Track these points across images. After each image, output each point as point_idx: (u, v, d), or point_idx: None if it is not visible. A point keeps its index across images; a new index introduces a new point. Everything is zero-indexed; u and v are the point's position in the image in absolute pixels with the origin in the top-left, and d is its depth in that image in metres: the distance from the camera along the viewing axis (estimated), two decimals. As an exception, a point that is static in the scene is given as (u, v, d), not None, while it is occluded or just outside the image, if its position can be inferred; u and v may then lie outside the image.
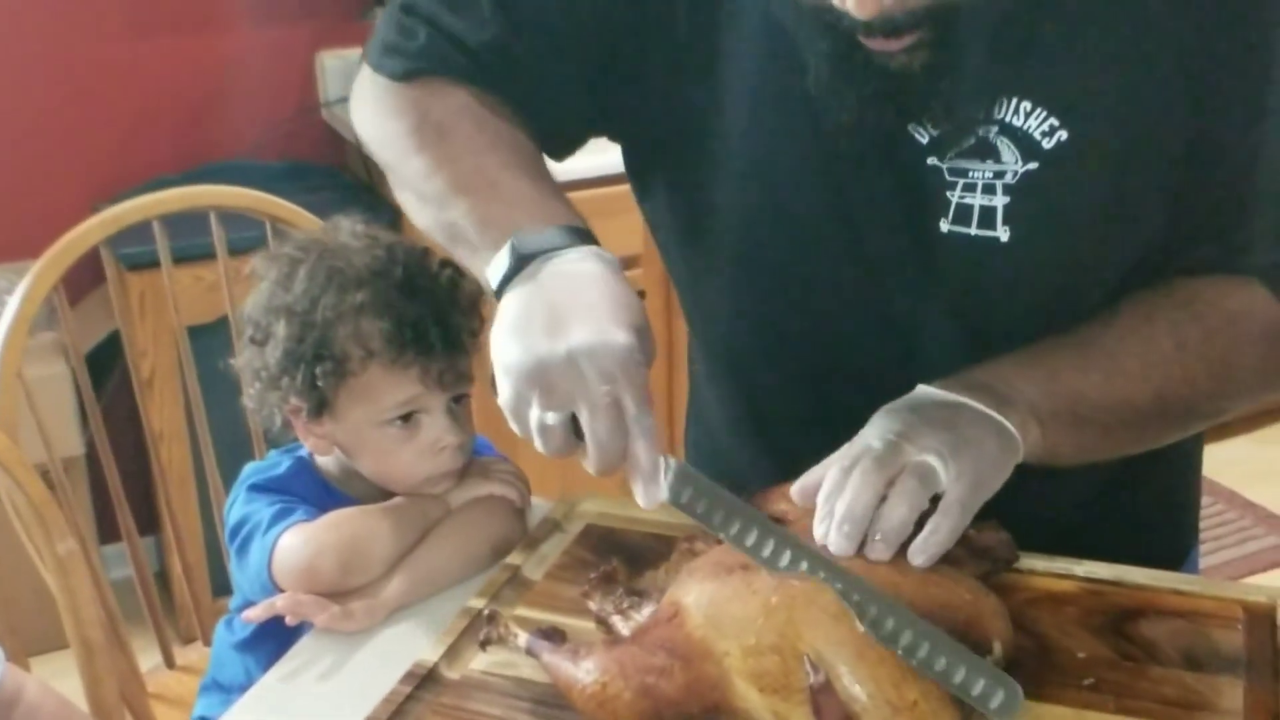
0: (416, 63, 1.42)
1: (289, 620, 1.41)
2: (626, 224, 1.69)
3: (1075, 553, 1.37)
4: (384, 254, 1.50)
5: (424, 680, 1.25)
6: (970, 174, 1.30)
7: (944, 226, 1.32)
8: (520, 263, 1.21)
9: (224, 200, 2.19)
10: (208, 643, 2.10)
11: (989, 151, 1.29)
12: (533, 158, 1.38)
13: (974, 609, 1.18)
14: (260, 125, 3.40)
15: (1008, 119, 1.28)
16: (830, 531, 1.19)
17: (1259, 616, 1.30)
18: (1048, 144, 1.27)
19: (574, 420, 1.15)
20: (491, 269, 1.24)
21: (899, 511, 1.18)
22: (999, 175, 1.29)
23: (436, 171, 1.35)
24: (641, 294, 2.92)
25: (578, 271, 1.20)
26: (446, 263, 1.51)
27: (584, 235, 1.25)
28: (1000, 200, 1.30)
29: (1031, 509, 1.27)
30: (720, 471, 1.55)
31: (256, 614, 1.42)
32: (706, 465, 1.63)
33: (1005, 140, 1.29)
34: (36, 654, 2.09)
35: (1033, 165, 1.28)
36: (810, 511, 1.26)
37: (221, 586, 1.73)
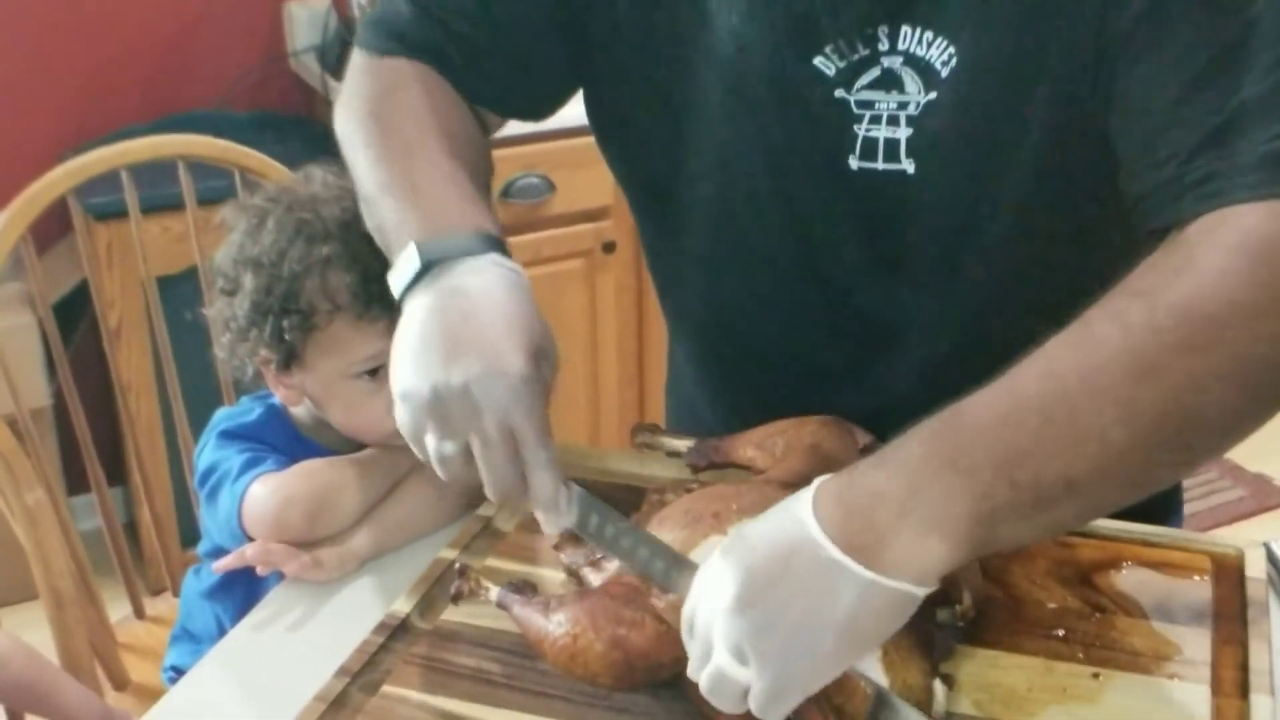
0: (388, 43, 1.42)
1: (260, 570, 1.41)
2: (596, 175, 1.68)
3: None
4: (354, 206, 1.49)
5: (396, 631, 1.25)
6: (876, 105, 1.30)
7: (853, 164, 1.32)
8: (424, 269, 1.18)
9: (192, 150, 2.17)
10: (177, 594, 2.10)
11: (894, 82, 1.28)
12: (467, 158, 1.34)
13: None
14: (228, 75, 3.38)
15: (911, 49, 1.27)
16: None
17: (1227, 568, 1.31)
18: (945, 72, 1.26)
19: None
20: (394, 274, 1.21)
21: (720, 705, 1.06)
22: (902, 106, 1.28)
23: (371, 172, 1.32)
24: (612, 245, 2.95)
25: (476, 287, 1.16)
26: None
27: (491, 242, 1.20)
28: (904, 133, 1.29)
29: None
30: (698, 424, 1.57)
31: (226, 564, 1.42)
32: (686, 420, 1.65)
33: (909, 70, 1.28)
34: (5, 605, 2.09)
35: (933, 95, 1.27)
36: (777, 462, 1.27)
37: (190, 537, 1.72)
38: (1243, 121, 1.09)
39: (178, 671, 1.62)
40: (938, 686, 1.11)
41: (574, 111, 1.50)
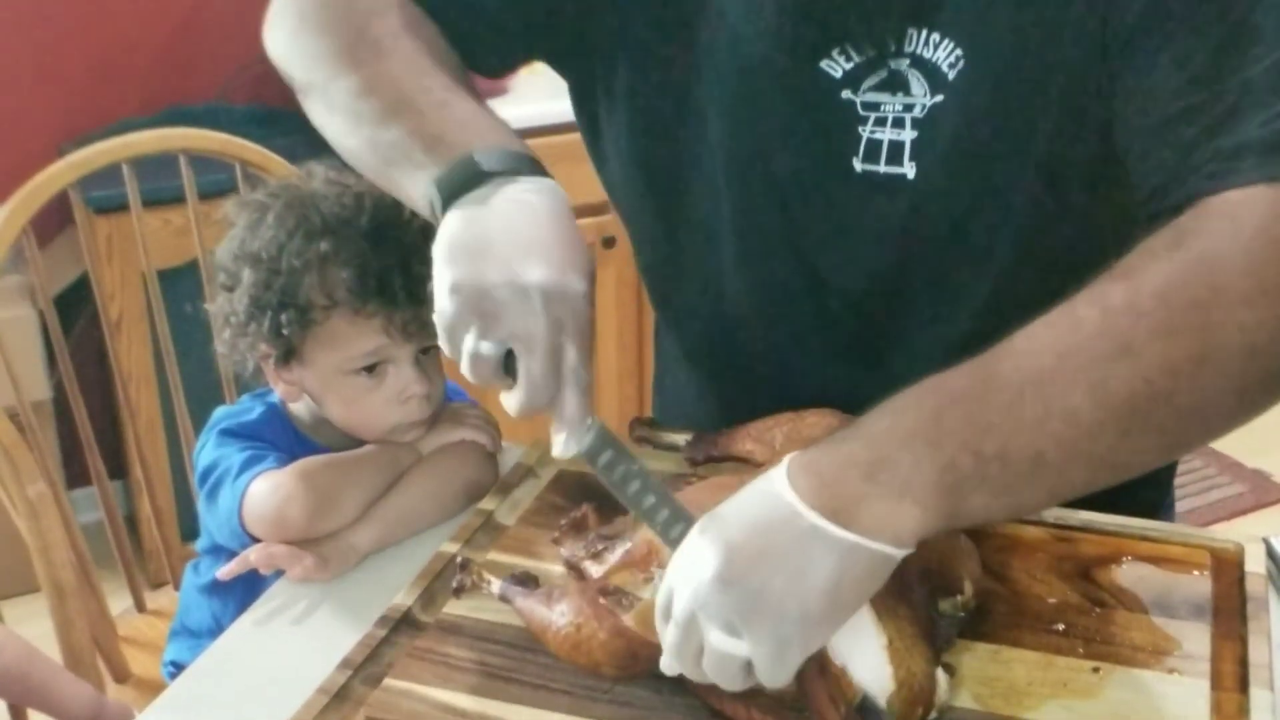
0: None
1: (263, 572, 1.41)
2: (592, 171, 1.68)
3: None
4: (353, 202, 1.50)
5: (399, 624, 1.26)
6: (882, 107, 1.29)
7: (857, 166, 1.31)
8: (474, 180, 1.16)
9: (194, 143, 2.18)
10: (177, 587, 2.10)
11: (900, 84, 1.28)
12: (472, 86, 1.34)
13: (946, 549, 1.19)
14: (228, 68, 3.37)
15: (918, 50, 1.27)
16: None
17: (1226, 563, 1.31)
18: (952, 75, 1.26)
19: (508, 355, 1.13)
20: (440, 182, 1.18)
21: (724, 683, 1.06)
22: (908, 108, 1.28)
23: (374, 89, 1.29)
24: (612, 241, 2.95)
25: (535, 204, 1.15)
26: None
27: (540, 167, 1.20)
28: (908, 135, 1.28)
29: None
30: (685, 419, 1.57)
31: (231, 570, 1.42)
32: (673, 414, 1.64)
33: (916, 73, 1.27)
34: (6, 597, 2.09)
35: (939, 98, 1.27)
36: (776, 455, 1.27)
37: (191, 530, 1.72)
38: (1243, 106, 1.09)
39: (177, 667, 1.63)
40: (941, 675, 1.12)
41: (567, 105, 1.50)
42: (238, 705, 1.24)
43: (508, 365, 1.14)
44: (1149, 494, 1.56)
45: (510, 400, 1.14)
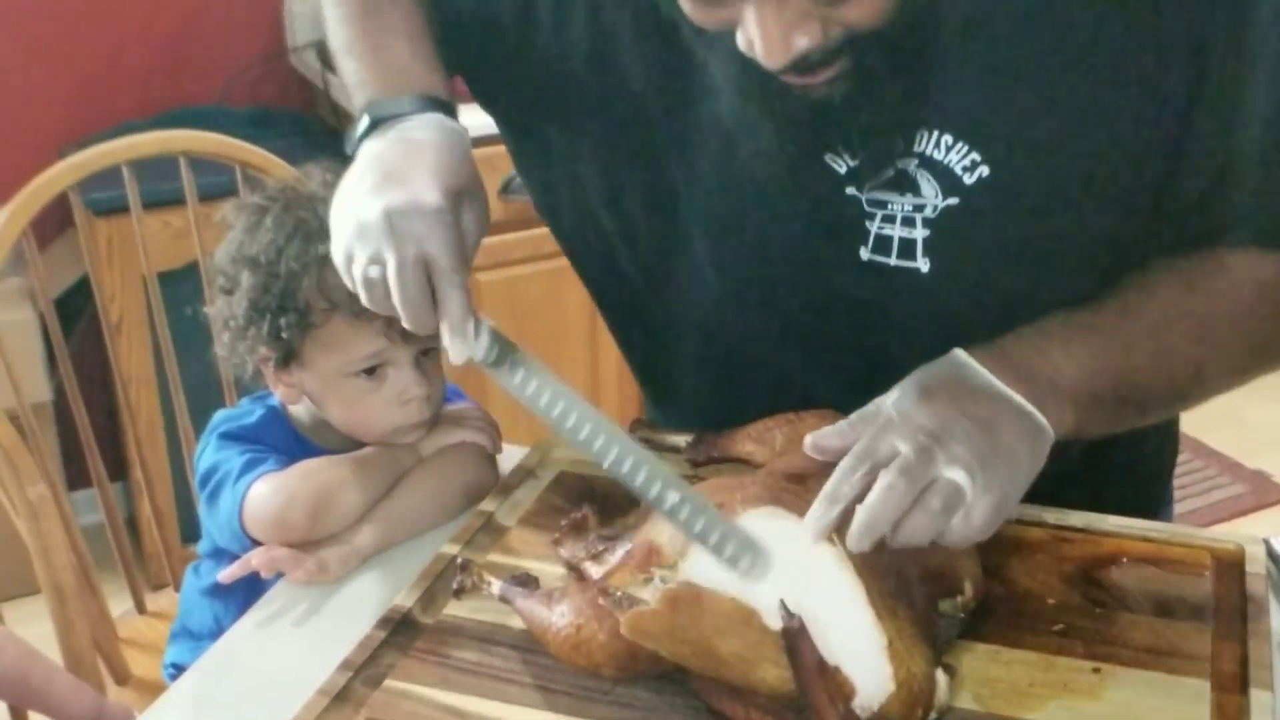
0: None
1: (264, 575, 1.41)
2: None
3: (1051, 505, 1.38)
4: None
5: (399, 625, 1.26)
6: (889, 206, 1.27)
7: (864, 254, 1.30)
8: (372, 126, 1.30)
9: (194, 145, 2.18)
10: (178, 588, 2.10)
11: (908, 184, 1.26)
12: (423, 26, 1.42)
13: (947, 549, 1.18)
14: (228, 71, 3.37)
15: (928, 152, 1.24)
16: (850, 536, 1.12)
17: (1227, 564, 1.31)
18: (969, 179, 1.23)
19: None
20: (351, 131, 1.32)
21: (919, 530, 1.12)
22: (918, 209, 1.26)
23: (337, 30, 1.45)
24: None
25: (416, 139, 1.27)
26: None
27: (438, 104, 1.31)
28: (920, 233, 1.27)
29: None
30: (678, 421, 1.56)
31: (232, 574, 1.42)
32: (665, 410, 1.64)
33: (925, 173, 1.25)
34: (7, 599, 2.09)
35: (953, 200, 1.25)
36: (777, 456, 1.27)
37: (191, 532, 1.72)
38: None
39: (178, 669, 1.62)
40: (940, 676, 1.12)
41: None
42: (238, 707, 1.24)
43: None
44: (1152, 490, 1.57)
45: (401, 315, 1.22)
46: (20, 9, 3.21)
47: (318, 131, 3.28)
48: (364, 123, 1.31)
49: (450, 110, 1.32)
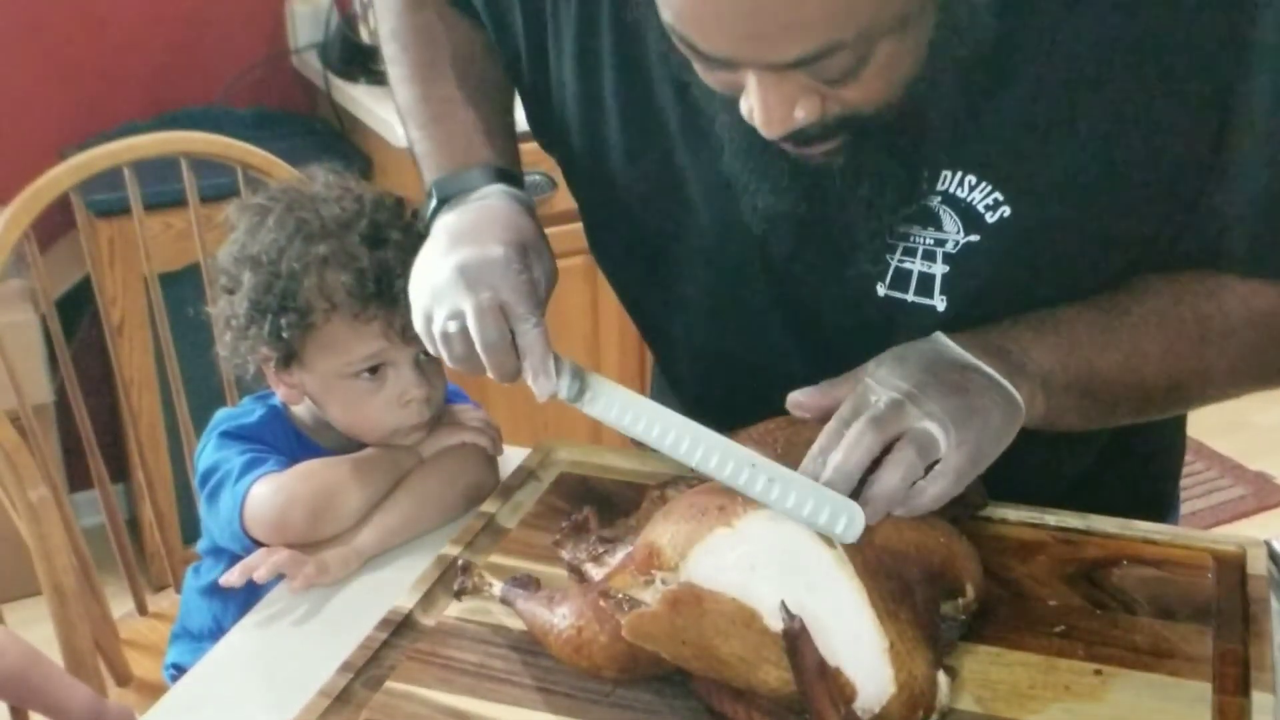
0: None
1: (264, 581, 1.41)
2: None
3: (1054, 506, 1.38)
4: (353, 205, 1.50)
5: (400, 627, 1.26)
6: (911, 238, 1.27)
7: (880, 290, 1.30)
8: (441, 204, 1.37)
9: (195, 147, 2.18)
10: (179, 589, 2.10)
11: (930, 218, 1.26)
12: (483, 82, 1.48)
13: (948, 551, 1.19)
14: (230, 72, 3.38)
15: (951, 190, 1.25)
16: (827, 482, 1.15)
17: (1229, 566, 1.31)
18: (990, 217, 1.24)
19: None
20: (422, 209, 1.40)
21: (891, 479, 1.14)
22: (940, 243, 1.27)
23: (396, 89, 1.52)
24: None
25: (481, 207, 1.34)
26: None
27: (501, 174, 1.38)
28: (939, 269, 1.27)
29: (1021, 466, 1.24)
30: None
31: (234, 578, 1.42)
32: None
33: (948, 209, 1.25)
34: (8, 601, 2.09)
35: (974, 237, 1.25)
36: (778, 459, 1.27)
37: (192, 533, 1.72)
38: None
39: (178, 669, 1.62)
40: (941, 678, 1.12)
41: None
42: (239, 707, 1.24)
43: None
44: (1158, 494, 1.57)
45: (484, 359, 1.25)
46: (22, 11, 3.22)
47: (319, 133, 3.27)
48: (433, 202, 1.38)
49: (511, 178, 1.39)
